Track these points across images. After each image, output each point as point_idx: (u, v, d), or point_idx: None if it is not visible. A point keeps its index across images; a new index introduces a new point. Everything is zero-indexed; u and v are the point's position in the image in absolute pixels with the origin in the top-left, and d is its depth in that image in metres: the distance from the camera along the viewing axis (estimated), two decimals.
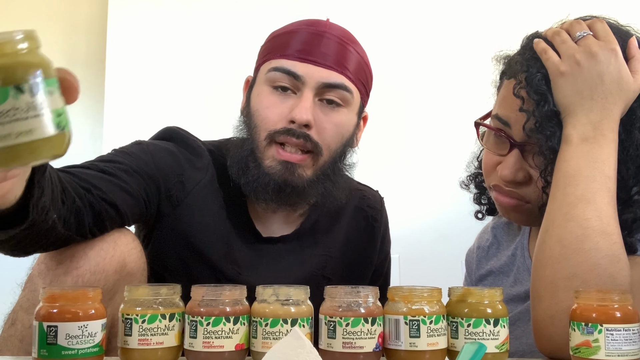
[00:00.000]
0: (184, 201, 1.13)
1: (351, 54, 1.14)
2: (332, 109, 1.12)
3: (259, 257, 1.17)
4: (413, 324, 0.74)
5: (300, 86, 1.10)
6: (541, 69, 0.93)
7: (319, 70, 1.10)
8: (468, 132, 1.12)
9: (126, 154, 1.10)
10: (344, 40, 1.14)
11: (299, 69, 1.10)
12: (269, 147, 1.10)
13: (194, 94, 2.38)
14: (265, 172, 1.10)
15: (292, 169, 1.09)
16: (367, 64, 1.20)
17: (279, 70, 1.11)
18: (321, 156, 1.12)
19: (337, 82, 1.11)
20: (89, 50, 2.62)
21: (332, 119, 1.12)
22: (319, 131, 1.10)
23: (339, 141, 1.14)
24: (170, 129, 1.21)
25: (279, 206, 1.15)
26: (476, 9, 2.36)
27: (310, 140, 1.09)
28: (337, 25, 1.18)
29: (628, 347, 0.71)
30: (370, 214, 1.30)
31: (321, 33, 1.13)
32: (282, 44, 1.14)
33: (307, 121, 1.08)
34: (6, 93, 0.49)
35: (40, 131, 0.50)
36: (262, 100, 1.12)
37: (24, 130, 0.49)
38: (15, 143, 0.49)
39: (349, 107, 1.14)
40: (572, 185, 0.86)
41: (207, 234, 1.14)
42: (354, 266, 1.25)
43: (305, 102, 1.08)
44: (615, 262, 0.82)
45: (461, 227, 1.41)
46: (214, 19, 2.42)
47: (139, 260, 1.01)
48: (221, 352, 0.73)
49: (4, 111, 0.49)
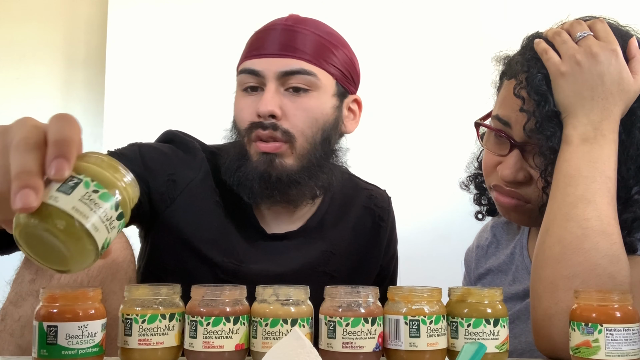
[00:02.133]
0: (177, 199, 1.14)
1: (306, 36, 1.14)
2: (299, 95, 1.12)
3: (261, 252, 1.17)
4: (413, 324, 0.74)
5: (264, 81, 1.12)
6: (542, 69, 0.93)
7: (275, 61, 1.12)
8: (468, 133, 1.12)
9: (116, 154, 1.13)
10: (298, 26, 1.15)
11: (257, 65, 1.12)
12: (249, 145, 1.13)
13: (194, 94, 2.38)
14: (250, 168, 1.12)
15: (271, 159, 1.11)
16: (342, 49, 1.19)
17: (242, 72, 1.15)
18: (297, 142, 1.12)
19: (294, 68, 1.11)
20: (89, 50, 2.62)
21: (301, 104, 1.12)
22: (289, 119, 1.11)
23: (314, 125, 1.13)
24: (170, 132, 1.24)
25: (270, 199, 1.15)
26: (477, 10, 2.36)
27: (279, 128, 1.10)
28: (295, 16, 1.19)
29: (628, 347, 0.71)
30: (377, 213, 1.30)
31: (274, 27, 1.16)
32: (246, 49, 1.18)
33: (270, 111, 1.09)
34: (111, 199, 0.60)
35: (99, 236, 0.59)
36: (237, 104, 1.17)
37: (95, 225, 0.58)
38: (81, 222, 0.57)
39: (317, 90, 1.13)
40: (572, 185, 0.87)
41: (202, 230, 1.14)
42: (358, 265, 1.25)
43: (267, 94, 1.10)
44: (615, 262, 0.82)
45: (461, 227, 1.41)
46: (214, 19, 2.42)
47: (125, 250, 1.01)
48: (221, 352, 0.73)
49: (99, 205, 0.59)
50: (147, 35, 2.44)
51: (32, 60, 2.60)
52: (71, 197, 0.57)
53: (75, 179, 0.58)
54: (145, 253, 1.18)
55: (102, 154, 0.63)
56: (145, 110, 2.39)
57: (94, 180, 0.59)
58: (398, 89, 2.34)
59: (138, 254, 1.19)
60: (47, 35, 2.62)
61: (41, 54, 2.61)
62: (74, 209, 0.57)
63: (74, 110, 2.61)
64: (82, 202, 0.57)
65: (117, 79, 2.43)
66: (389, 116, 2.32)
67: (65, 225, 0.57)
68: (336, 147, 1.21)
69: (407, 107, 2.35)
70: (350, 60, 1.20)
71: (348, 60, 1.20)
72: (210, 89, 2.37)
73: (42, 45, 2.61)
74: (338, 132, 1.20)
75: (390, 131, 2.31)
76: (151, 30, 2.44)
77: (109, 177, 0.61)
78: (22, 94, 2.60)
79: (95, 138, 2.55)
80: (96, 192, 0.59)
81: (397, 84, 2.34)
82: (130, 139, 1.20)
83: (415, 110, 2.35)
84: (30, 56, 2.60)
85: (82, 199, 0.57)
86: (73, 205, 0.57)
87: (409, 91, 2.35)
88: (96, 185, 0.59)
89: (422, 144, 2.33)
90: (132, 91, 2.43)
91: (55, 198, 0.57)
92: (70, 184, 0.58)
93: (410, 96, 2.35)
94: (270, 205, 1.17)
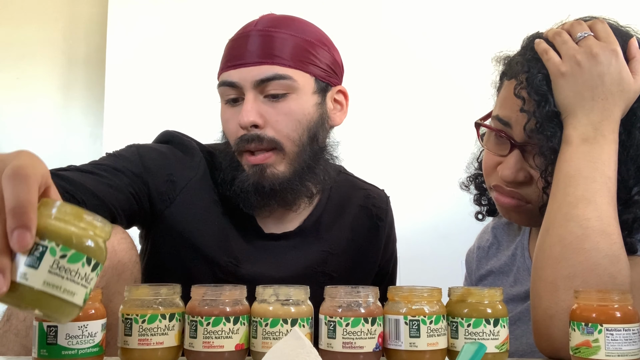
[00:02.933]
0: (176, 199, 1.14)
1: (280, 39, 1.13)
2: (278, 101, 1.12)
3: (259, 252, 1.18)
4: (413, 324, 0.74)
5: (242, 91, 1.12)
6: (542, 70, 0.93)
7: (249, 71, 1.11)
8: (468, 132, 1.11)
9: (114, 156, 1.14)
10: (270, 31, 1.14)
11: (233, 76, 1.13)
12: (240, 157, 1.14)
13: (194, 94, 2.38)
14: (243, 180, 1.13)
15: (262, 170, 1.12)
16: (315, 41, 1.17)
17: (221, 85, 1.16)
18: (285, 148, 1.13)
19: (269, 74, 1.11)
20: (89, 50, 2.62)
21: (281, 109, 1.12)
22: (273, 126, 1.11)
23: (298, 128, 1.13)
24: (168, 132, 1.24)
25: (270, 209, 1.17)
26: (477, 10, 2.36)
27: (263, 138, 1.11)
28: (267, 18, 1.18)
29: (628, 347, 0.71)
30: (375, 213, 1.30)
31: (247, 33, 1.15)
32: (222, 59, 1.18)
33: (251, 122, 1.10)
34: (80, 258, 0.58)
35: (77, 297, 0.59)
36: (222, 116, 1.18)
37: (70, 291, 0.58)
38: (56, 295, 0.57)
39: (296, 92, 1.13)
40: (573, 185, 0.87)
41: (201, 230, 1.15)
42: (356, 264, 1.25)
43: (246, 105, 1.11)
44: (616, 262, 0.82)
45: (461, 227, 1.41)
46: (214, 19, 2.42)
47: (130, 250, 1.01)
48: (221, 352, 0.73)
49: (70, 269, 0.58)
50: (147, 35, 2.44)
51: (32, 60, 2.60)
52: (40, 270, 0.56)
53: (40, 246, 0.56)
54: (146, 253, 1.19)
55: (63, 204, 0.60)
56: (145, 110, 2.39)
57: (59, 244, 0.57)
58: (398, 89, 2.34)
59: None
60: (47, 35, 2.62)
61: (41, 54, 2.61)
62: (45, 283, 0.56)
63: (74, 110, 2.61)
64: (52, 274, 0.57)
65: (117, 79, 2.43)
66: (389, 116, 2.32)
67: (41, 300, 0.57)
68: (326, 142, 1.21)
69: (407, 107, 2.35)
70: (329, 54, 1.19)
71: (326, 54, 1.18)
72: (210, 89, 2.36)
73: (42, 45, 2.61)
74: (325, 127, 1.19)
75: (391, 131, 2.31)
76: (151, 30, 2.44)
77: (74, 232, 0.59)
78: (22, 94, 2.60)
79: (95, 138, 2.56)
80: (64, 256, 0.57)
81: (397, 83, 2.34)
82: (130, 139, 1.20)
83: (415, 110, 2.35)
84: (30, 56, 2.60)
85: (51, 269, 0.57)
86: (44, 280, 0.56)
87: (408, 91, 2.35)
88: (62, 249, 0.57)
89: (422, 144, 2.32)
90: (132, 91, 2.43)
91: (25, 275, 0.56)
92: (36, 254, 0.56)
93: (410, 96, 2.35)
94: (262, 211, 1.18)
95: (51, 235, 0.57)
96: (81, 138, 2.59)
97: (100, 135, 2.47)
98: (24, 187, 0.56)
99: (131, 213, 1.09)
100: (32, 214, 0.55)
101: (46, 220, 0.58)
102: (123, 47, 2.44)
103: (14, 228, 0.54)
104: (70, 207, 0.60)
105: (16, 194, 0.55)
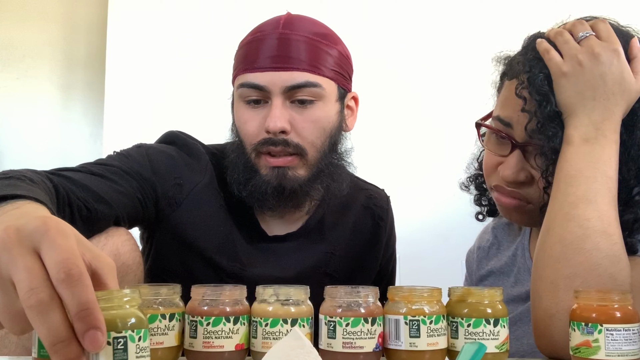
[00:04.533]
0: (183, 203, 1.14)
1: (314, 47, 1.13)
2: (306, 107, 1.12)
3: (263, 255, 1.18)
4: (413, 324, 0.74)
5: (269, 95, 1.11)
6: (543, 69, 0.93)
7: (280, 75, 1.10)
8: (468, 132, 1.11)
9: (124, 156, 1.12)
10: (301, 35, 1.13)
11: (262, 80, 1.10)
12: (258, 159, 1.13)
13: (194, 94, 2.38)
14: (262, 181, 1.12)
15: (284, 172, 1.11)
16: (340, 51, 1.17)
17: (245, 86, 1.12)
18: (308, 154, 1.13)
19: (301, 81, 1.10)
20: (89, 50, 2.62)
21: (308, 117, 1.12)
22: (298, 132, 1.11)
23: (322, 135, 1.14)
24: (172, 133, 1.23)
25: (282, 210, 1.17)
26: (477, 10, 2.36)
27: (290, 143, 1.10)
28: (296, 19, 1.16)
29: (628, 347, 0.71)
30: (376, 213, 1.30)
31: (278, 35, 1.12)
32: (245, 56, 1.15)
33: (280, 128, 1.09)
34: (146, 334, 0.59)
35: None
36: (240, 116, 1.15)
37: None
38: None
39: (323, 99, 1.13)
40: (573, 185, 0.86)
41: (207, 234, 1.14)
42: (358, 264, 1.26)
43: (275, 110, 1.09)
44: (616, 262, 0.82)
45: (461, 227, 1.41)
46: (214, 19, 2.42)
47: (134, 252, 1.01)
48: (221, 352, 0.73)
49: (145, 347, 0.58)
50: (147, 35, 2.44)
51: (32, 61, 2.60)
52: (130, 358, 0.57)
53: (119, 339, 0.56)
54: (149, 256, 1.19)
55: (104, 292, 0.58)
56: (145, 111, 2.39)
57: (133, 329, 0.57)
58: (398, 89, 2.34)
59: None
60: (47, 36, 2.62)
61: (41, 54, 2.61)
62: None
63: (74, 110, 2.61)
64: (139, 358, 0.57)
65: (117, 79, 2.43)
66: (390, 116, 2.32)
67: None
68: (342, 148, 1.21)
69: (407, 108, 2.35)
70: (346, 57, 1.19)
71: (344, 57, 1.19)
72: (210, 89, 2.36)
73: (42, 45, 2.61)
74: (343, 134, 1.20)
75: (391, 131, 2.31)
76: (151, 30, 2.44)
77: (134, 314, 0.58)
78: (22, 95, 2.60)
79: (95, 138, 2.56)
80: (141, 338, 0.58)
81: (397, 83, 2.34)
82: (130, 139, 1.20)
83: (415, 110, 2.35)
84: (30, 56, 2.61)
85: (137, 355, 0.57)
86: None
87: (409, 91, 2.35)
88: (137, 332, 0.58)
89: (422, 144, 2.32)
90: (132, 91, 2.43)
91: None
92: (120, 347, 0.56)
93: (410, 96, 2.35)
94: (274, 213, 1.18)
95: (116, 326, 0.57)
96: (81, 138, 2.59)
97: (100, 135, 2.47)
98: (81, 286, 0.53)
99: (136, 216, 1.09)
100: (98, 313, 0.53)
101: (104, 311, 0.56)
102: (123, 48, 2.44)
103: (85, 331, 0.52)
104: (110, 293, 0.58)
105: (77, 297, 0.53)
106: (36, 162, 2.11)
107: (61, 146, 2.58)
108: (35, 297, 0.52)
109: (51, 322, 0.52)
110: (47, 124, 2.60)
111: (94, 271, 0.58)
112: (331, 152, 1.16)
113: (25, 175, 0.82)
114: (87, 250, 0.58)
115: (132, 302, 0.59)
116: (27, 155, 2.55)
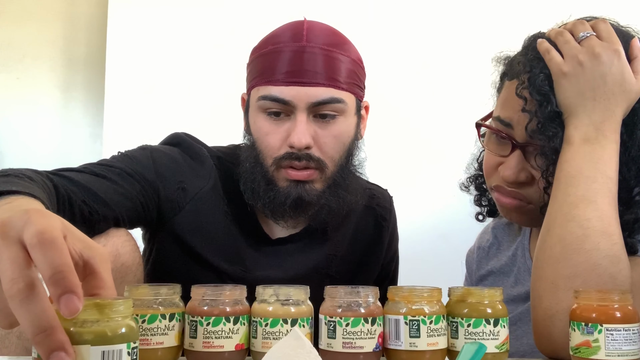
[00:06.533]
0: (186, 207, 1.14)
1: (338, 61, 1.12)
2: (328, 122, 1.11)
3: (267, 258, 1.18)
4: (413, 324, 0.74)
5: (292, 109, 1.10)
6: (544, 70, 0.93)
7: (306, 90, 1.09)
8: (469, 132, 1.11)
9: (127, 157, 1.12)
10: (327, 49, 1.11)
11: (287, 94, 1.09)
12: (277, 171, 1.12)
13: (194, 95, 2.38)
14: (281, 193, 1.11)
15: (304, 186, 1.11)
16: (357, 61, 1.17)
17: (267, 99, 1.10)
18: (327, 169, 1.13)
19: (326, 97, 1.09)
20: (89, 50, 2.62)
21: (331, 132, 1.12)
22: (320, 147, 1.11)
23: (341, 149, 1.14)
24: (177, 135, 1.22)
25: (295, 220, 1.17)
26: (477, 10, 2.36)
27: (313, 158, 1.10)
28: (318, 28, 1.14)
29: (628, 347, 0.71)
30: (379, 213, 1.30)
31: (302, 48, 1.10)
32: (266, 67, 1.12)
33: (305, 145, 1.08)
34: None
35: None
36: (260, 128, 1.13)
37: None
38: None
39: (344, 114, 1.13)
40: (574, 185, 0.86)
41: (209, 239, 1.14)
42: (360, 265, 1.26)
43: (300, 126, 1.08)
44: (616, 262, 0.82)
45: (461, 227, 1.41)
46: (215, 19, 2.42)
47: (134, 252, 1.01)
48: (221, 352, 0.73)
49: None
50: (147, 35, 2.44)
51: (32, 61, 2.60)
52: None
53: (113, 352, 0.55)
54: (150, 257, 1.18)
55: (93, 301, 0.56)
56: (145, 111, 2.39)
57: (136, 341, 0.57)
58: (398, 89, 2.34)
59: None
60: (47, 35, 2.61)
61: (41, 54, 2.61)
62: None
63: (74, 110, 2.61)
64: None
65: (117, 79, 2.43)
66: (390, 116, 2.32)
67: None
68: (356, 160, 1.21)
69: (407, 108, 2.35)
70: (359, 64, 1.18)
71: (357, 65, 1.17)
72: (210, 89, 2.37)
73: (42, 45, 2.61)
74: (358, 145, 1.20)
75: (391, 131, 2.31)
76: (151, 30, 2.44)
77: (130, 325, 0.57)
78: (22, 95, 2.60)
79: (95, 138, 2.55)
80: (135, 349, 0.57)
81: (397, 84, 2.34)
82: (130, 139, 1.20)
83: (415, 110, 2.34)
84: (30, 56, 2.60)
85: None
86: None
87: (409, 91, 2.35)
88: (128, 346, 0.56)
89: (422, 144, 2.32)
90: (132, 91, 2.42)
91: None
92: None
93: (410, 96, 2.35)
94: (287, 223, 1.18)
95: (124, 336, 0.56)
96: (81, 138, 2.59)
97: (100, 135, 2.47)
98: (54, 249, 0.53)
99: (137, 218, 1.09)
100: (73, 277, 0.52)
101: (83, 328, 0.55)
102: (123, 47, 2.44)
103: (60, 295, 0.51)
104: (101, 300, 0.57)
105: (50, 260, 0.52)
106: (36, 162, 2.11)
107: (61, 146, 2.58)
108: (15, 287, 0.51)
109: (32, 312, 0.51)
110: (47, 124, 2.60)
111: (85, 261, 0.57)
112: (347, 165, 1.17)
113: (24, 173, 0.82)
114: (77, 240, 0.57)
115: (124, 313, 0.57)
116: (26, 155, 2.54)
